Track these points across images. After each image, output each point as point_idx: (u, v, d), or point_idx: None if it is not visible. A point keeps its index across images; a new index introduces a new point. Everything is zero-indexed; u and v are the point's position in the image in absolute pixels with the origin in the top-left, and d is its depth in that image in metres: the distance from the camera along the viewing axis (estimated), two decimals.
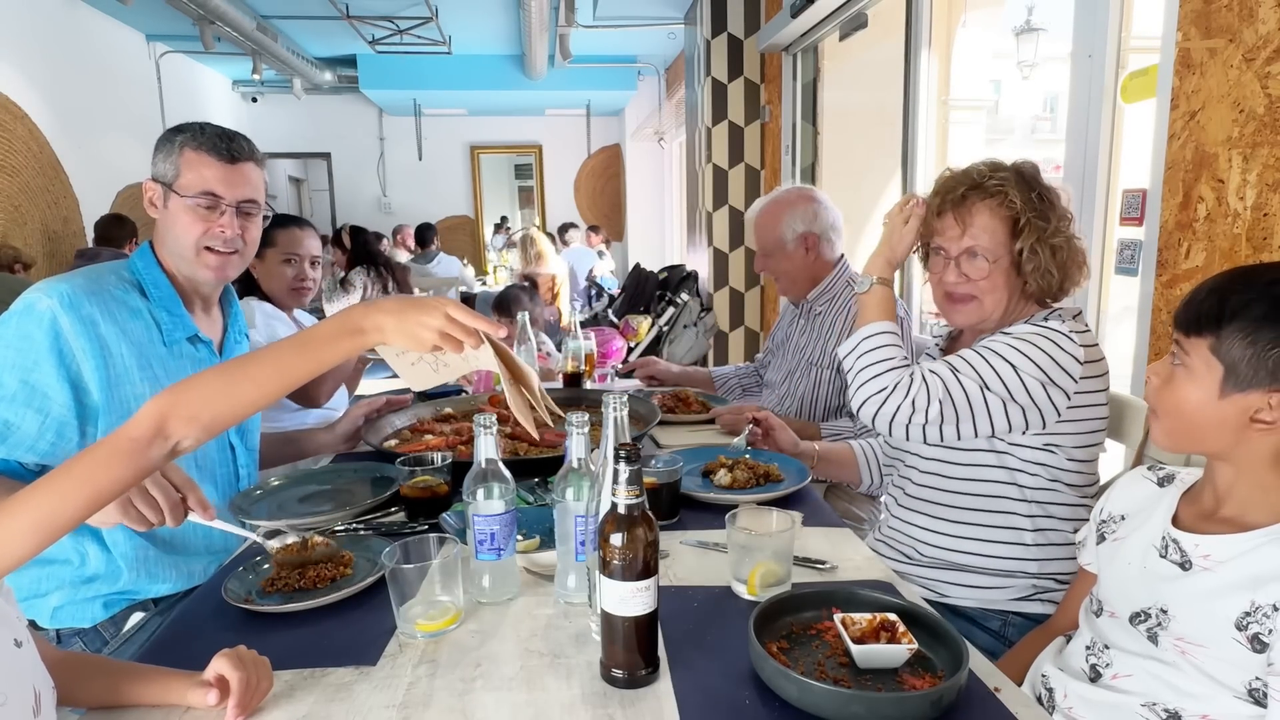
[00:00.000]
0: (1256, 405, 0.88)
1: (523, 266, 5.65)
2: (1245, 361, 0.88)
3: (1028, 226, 1.28)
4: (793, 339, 2.21)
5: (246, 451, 1.53)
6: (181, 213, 1.34)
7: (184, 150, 1.34)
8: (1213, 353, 0.90)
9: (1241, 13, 1.35)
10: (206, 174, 1.33)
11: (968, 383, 1.25)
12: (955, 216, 1.33)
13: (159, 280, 1.36)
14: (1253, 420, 0.89)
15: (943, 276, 1.37)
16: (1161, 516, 1.01)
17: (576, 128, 9.63)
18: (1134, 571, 1.00)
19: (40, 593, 1.30)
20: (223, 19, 5.31)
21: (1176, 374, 0.94)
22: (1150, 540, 1.00)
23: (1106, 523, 1.10)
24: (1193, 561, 0.93)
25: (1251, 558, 0.88)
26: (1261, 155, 1.32)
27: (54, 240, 5.07)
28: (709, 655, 0.92)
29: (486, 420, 1.08)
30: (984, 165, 1.35)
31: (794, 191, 2.15)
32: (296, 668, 0.91)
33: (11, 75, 4.74)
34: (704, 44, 4.55)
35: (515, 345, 2.26)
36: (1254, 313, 0.88)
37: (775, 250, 2.10)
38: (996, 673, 0.90)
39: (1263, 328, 0.87)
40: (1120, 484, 1.13)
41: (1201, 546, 0.93)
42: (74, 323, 1.22)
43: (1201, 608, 0.90)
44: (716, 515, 1.26)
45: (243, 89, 8.66)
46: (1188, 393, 0.92)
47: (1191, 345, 0.92)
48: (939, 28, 3.03)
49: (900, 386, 1.25)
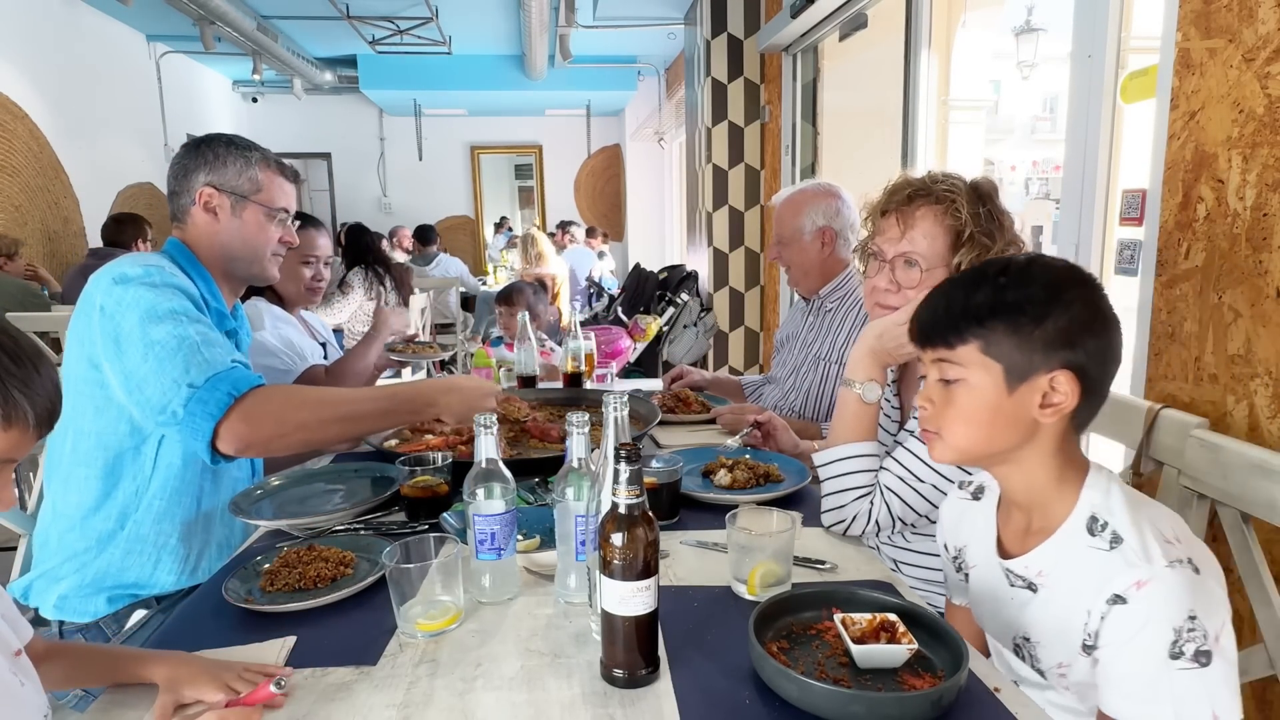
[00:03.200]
0: (1041, 389, 0.88)
1: (523, 266, 5.65)
2: (1018, 351, 0.88)
3: (970, 240, 1.24)
4: (801, 335, 2.20)
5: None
6: (263, 222, 1.49)
7: (261, 168, 1.49)
8: (985, 354, 0.90)
9: (1241, 13, 1.35)
10: (282, 191, 1.52)
11: (925, 488, 1.23)
12: (898, 218, 1.29)
13: (203, 273, 1.46)
14: (1042, 406, 0.89)
15: (874, 281, 1.33)
16: (990, 545, 1.01)
17: (576, 128, 9.64)
18: (999, 604, 0.99)
19: (54, 577, 1.33)
20: (223, 19, 5.31)
21: (955, 390, 0.93)
22: (994, 569, 0.99)
23: (957, 558, 1.09)
24: (1035, 582, 0.93)
25: (1065, 562, 0.89)
26: (1261, 155, 1.32)
27: (54, 240, 5.08)
28: (709, 655, 0.92)
29: (487, 420, 1.08)
30: (939, 173, 1.31)
31: (820, 185, 2.14)
32: (297, 667, 0.91)
33: (12, 75, 4.75)
34: (704, 44, 4.55)
35: (515, 343, 2.26)
36: (1006, 303, 0.89)
37: (792, 240, 2.09)
38: (996, 673, 0.90)
39: (1019, 315, 0.88)
40: (945, 514, 1.13)
41: (1032, 565, 0.93)
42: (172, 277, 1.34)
43: (1054, 627, 0.90)
44: (716, 515, 1.26)
45: (243, 89, 8.67)
46: (974, 401, 0.91)
47: (959, 355, 0.91)
48: (939, 28, 3.03)
49: (861, 515, 1.24)
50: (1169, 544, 0.83)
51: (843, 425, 1.30)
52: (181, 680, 0.84)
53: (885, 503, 1.24)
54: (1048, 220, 8.03)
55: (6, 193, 4.63)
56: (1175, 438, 1.31)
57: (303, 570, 1.09)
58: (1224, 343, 1.40)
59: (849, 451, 1.27)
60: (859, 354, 1.29)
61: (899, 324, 1.26)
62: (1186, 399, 1.48)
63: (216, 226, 1.45)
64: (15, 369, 0.74)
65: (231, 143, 1.48)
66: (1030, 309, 0.88)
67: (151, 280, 1.30)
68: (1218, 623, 0.79)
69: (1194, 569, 0.81)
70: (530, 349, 2.20)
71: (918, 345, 0.98)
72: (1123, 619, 0.81)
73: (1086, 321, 0.88)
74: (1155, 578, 0.80)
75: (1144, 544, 0.83)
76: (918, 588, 1.36)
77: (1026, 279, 0.90)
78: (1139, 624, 0.80)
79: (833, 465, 1.28)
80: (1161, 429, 1.35)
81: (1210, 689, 0.78)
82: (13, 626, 0.82)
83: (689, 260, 5.42)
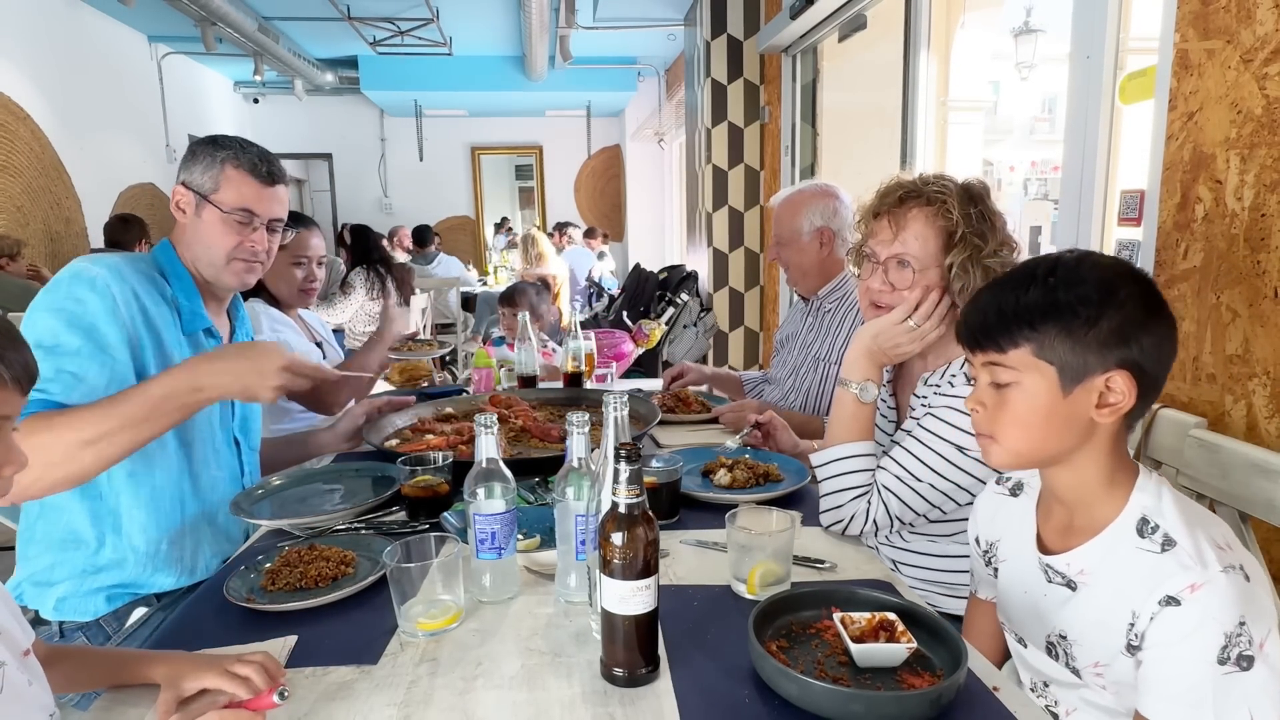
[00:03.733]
0: (1098, 389, 0.87)
1: (524, 267, 5.66)
2: (1072, 353, 0.87)
3: (962, 241, 1.24)
4: (800, 335, 2.20)
5: (250, 450, 1.55)
6: (217, 224, 1.40)
7: (226, 166, 1.39)
8: (1038, 357, 0.89)
9: (1239, 14, 1.35)
10: (246, 192, 1.40)
11: (922, 486, 1.23)
12: (890, 219, 1.29)
13: (181, 272, 1.42)
14: (1099, 406, 0.88)
15: (869, 283, 1.33)
16: (1029, 540, 1.00)
17: (577, 129, 9.64)
18: (1032, 599, 0.99)
19: (50, 581, 1.31)
20: (224, 20, 5.32)
21: (1008, 394, 0.91)
22: (1030, 565, 0.99)
23: (989, 551, 1.09)
24: (1075, 580, 0.93)
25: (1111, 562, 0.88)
26: (1259, 156, 1.32)
27: (56, 241, 5.08)
28: (709, 654, 0.93)
29: (487, 420, 1.08)
30: (930, 175, 1.31)
31: (819, 186, 2.14)
32: (297, 666, 0.92)
33: (14, 76, 4.75)
34: (704, 45, 4.56)
35: (515, 343, 2.26)
36: (1058, 304, 0.87)
37: (791, 240, 2.09)
38: (996, 672, 0.90)
39: (1073, 317, 0.87)
40: (980, 508, 1.12)
41: (1074, 563, 0.93)
42: (121, 292, 1.28)
43: (1094, 626, 0.90)
44: (716, 515, 1.26)
45: (244, 90, 8.68)
46: (1031, 404, 0.90)
47: (1012, 359, 0.90)
48: (938, 29, 3.04)
49: (859, 515, 1.24)
50: (1222, 550, 0.83)
51: (840, 425, 1.30)
52: (182, 674, 0.84)
53: (883, 502, 1.24)
54: (1046, 221, 8.04)
55: (9, 193, 4.64)
56: (1174, 437, 1.31)
57: (304, 569, 1.10)
58: (1222, 343, 1.40)
59: (846, 452, 1.27)
60: (855, 354, 1.30)
61: (895, 324, 1.28)
62: (1185, 399, 1.48)
63: (184, 226, 1.42)
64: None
65: (213, 141, 1.42)
66: (1083, 309, 0.86)
67: (57, 289, 1.25)
68: (1264, 630, 0.79)
69: (1245, 576, 0.81)
70: (531, 349, 2.20)
71: (966, 348, 0.97)
72: (1174, 621, 0.81)
73: (1140, 319, 0.86)
74: (1210, 582, 0.80)
75: (1198, 548, 0.82)
76: (917, 587, 1.36)
77: (1077, 278, 0.88)
78: (1191, 627, 0.79)
79: (830, 465, 1.28)
80: (1160, 428, 1.35)
81: (1249, 694, 0.78)
82: (20, 625, 0.82)
83: (689, 260, 5.43)
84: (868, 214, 1.34)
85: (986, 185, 1.31)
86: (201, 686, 0.83)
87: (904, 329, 1.27)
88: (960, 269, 1.24)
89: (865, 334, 1.30)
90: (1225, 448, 1.20)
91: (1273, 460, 1.12)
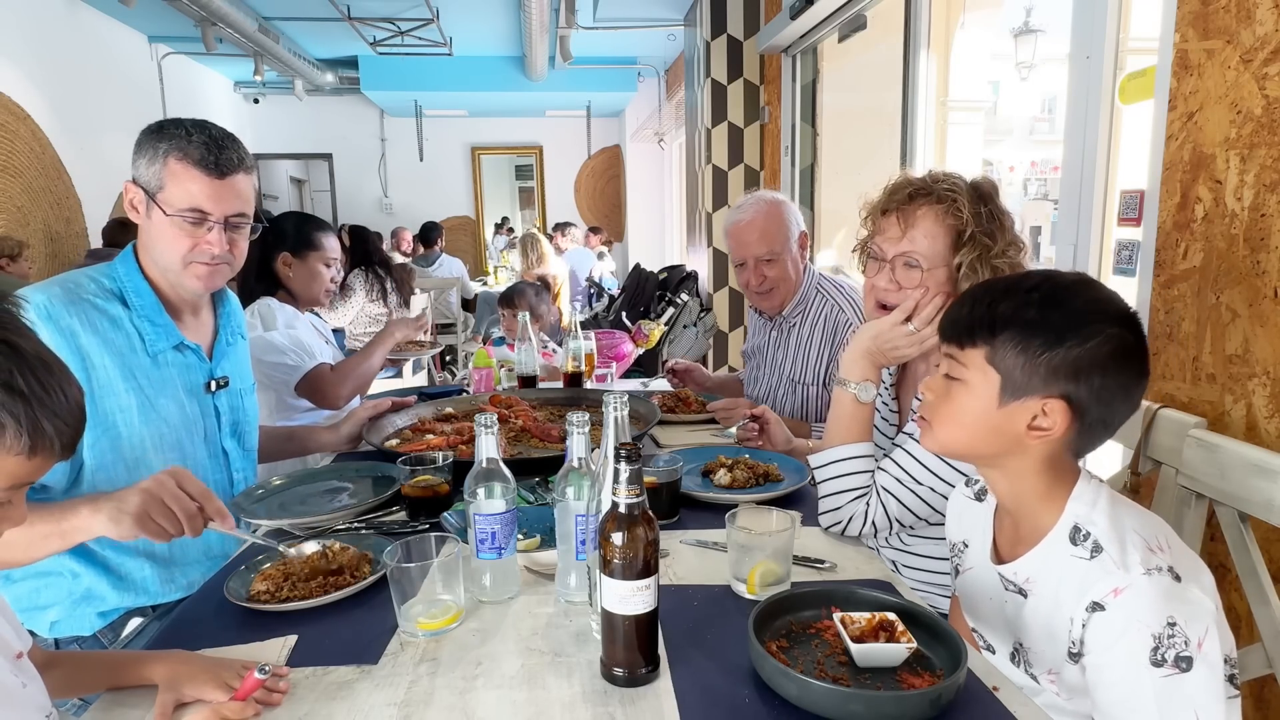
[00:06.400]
0: (1033, 411, 0.88)
1: (524, 267, 5.65)
2: (1020, 369, 0.88)
3: (971, 240, 1.23)
4: (765, 350, 2.14)
5: (244, 454, 1.52)
6: (166, 227, 1.26)
7: (169, 160, 1.25)
8: (989, 362, 0.90)
9: (1239, 14, 1.35)
10: (193, 189, 1.25)
11: (922, 490, 1.23)
12: (898, 217, 1.28)
13: (141, 289, 1.30)
14: (1030, 428, 0.88)
15: (875, 281, 1.32)
16: (987, 548, 1.01)
17: (577, 129, 9.64)
18: (996, 606, 1.00)
19: (40, 605, 1.29)
20: (224, 20, 5.32)
21: (953, 388, 0.94)
22: (990, 573, 1.00)
23: (954, 550, 1.10)
24: (1024, 589, 0.94)
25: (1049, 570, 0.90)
26: (1259, 156, 1.32)
27: (56, 241, 5.08)
28: (709, 654, 0.93)
29: (487, 420, 1.08)
30: (940, 172, 1.30)
31: (773, 194, 2.08)
32: (298, 666, 0.92)
33: (14, 77, 4.75)
34: (704, 45, 4.56)
35: (516, 343, 2.27)
36: (1023, 319, 0.88)
37: (784, 250, 2.00)
38: (995, 672, 0.90)
39: (1032, 335, 0.87)
40: (951, 508, 1.14)
41: (1020, 572, 0.94)
42: (53, 334, 1.18)
43: (1042, 634, 0.91)
44: (716, 514, 1.26)
45: (244, 90, 8.67)
46: (967, 403, 0.92)
47: (967, 357, 0.92)
48: (938, 29, 3.03)
49: (858, 516, 1.24)
50: (1151, 552, 0.83)
51: (838, 426, 1.30)
52: (181, 679, 0.84)
53: (882, 504, 1.24)
54: (1046, 221, 8.04)
55: (9, 193, 4.63)
56: (1173, 437, 1.31)
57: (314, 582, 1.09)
58: (1222, 343, 1.40)
59: (845, 453, 1.27)
60: (854, 354, 1.29)
61: (894, 324, 1.27)
62: (1184, 399, 1.48)
63: (141, 229, 1.30)
64: (45, 396, 0.70)
65: (158, 130, 1.27)
66: (1045, 332, 0.87)
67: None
68: (1200, 629, 0.79)
69: (1174, 577, 0.81)
70: (531, 349, 2.20)
71: (939, 336, 0.99)
72: (1103, 626, 0.82)
73: (1103, 361, 0.86)
74: (1131, 585, 0.81)
75: (1123, 552, 0.83)
76: (917, 588, 1.36)
77: (1057, 301, 0.88)
78: (1119, 631, 0.80)
79: (829, 466, 1.28)
80: (1160, 428, 1.35)
81: (1192, 696, 0.78)
82: (15, 631, 0.82)
83: (689, 260, 5.43)
84: (875, 211, 1.33)
85: (995, 184, 1.30)
86: (201, 697, 0.83)
87: (903, 332, 1.27)
88: (969, 268, 1.23)
89: (865, 334, 1.30)
90: (1225, 448, 1.20)
91: (1272, 460, 1.12)
